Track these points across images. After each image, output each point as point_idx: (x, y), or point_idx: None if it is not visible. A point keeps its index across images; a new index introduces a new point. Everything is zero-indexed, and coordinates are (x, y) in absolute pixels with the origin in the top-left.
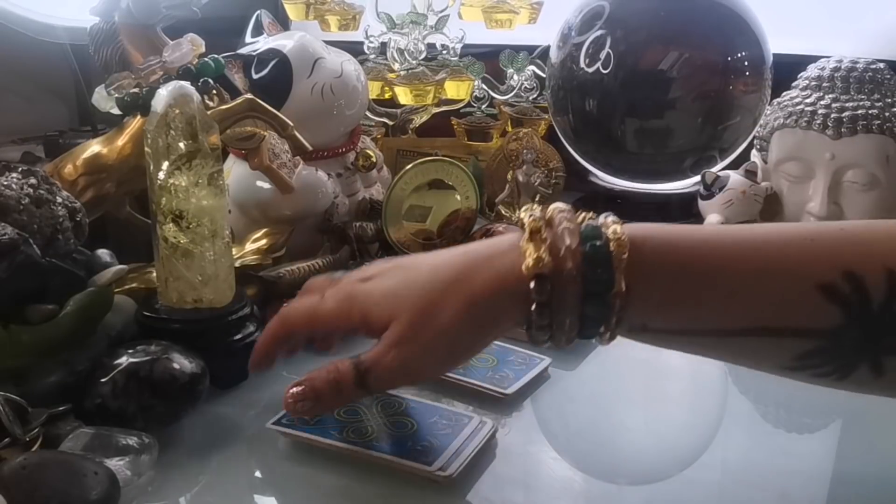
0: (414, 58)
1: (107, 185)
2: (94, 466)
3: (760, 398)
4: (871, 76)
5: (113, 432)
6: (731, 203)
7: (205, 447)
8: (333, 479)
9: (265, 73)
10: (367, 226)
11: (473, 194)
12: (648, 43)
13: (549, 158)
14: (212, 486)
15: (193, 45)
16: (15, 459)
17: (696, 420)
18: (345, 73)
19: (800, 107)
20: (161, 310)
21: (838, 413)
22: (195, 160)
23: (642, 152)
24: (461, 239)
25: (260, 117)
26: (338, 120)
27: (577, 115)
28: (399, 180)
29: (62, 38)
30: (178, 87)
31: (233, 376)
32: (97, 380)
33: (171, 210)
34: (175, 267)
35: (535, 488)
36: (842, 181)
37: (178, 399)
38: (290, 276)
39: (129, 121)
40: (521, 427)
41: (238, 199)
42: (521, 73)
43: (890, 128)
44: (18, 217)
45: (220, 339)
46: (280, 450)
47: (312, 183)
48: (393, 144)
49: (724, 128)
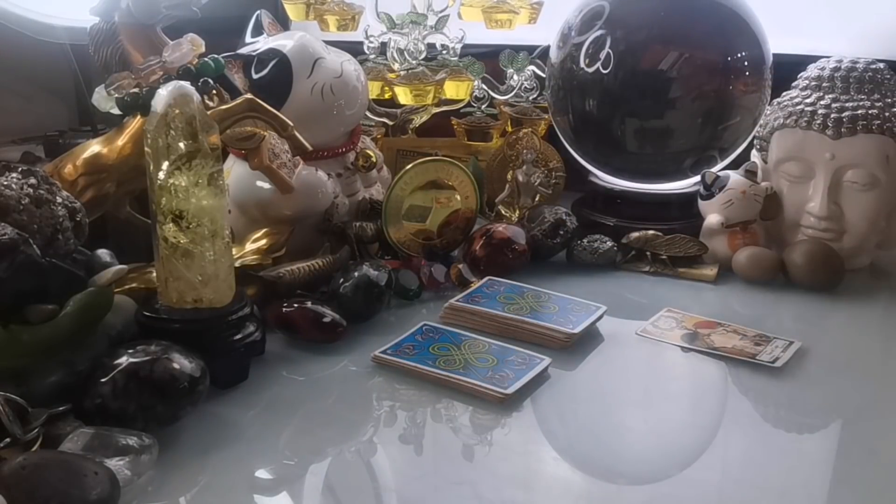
0: (414, 58)
1: (107, 185)
2: (94, 466)
3: (760, 398)
4: (871, 76)
5: (113, 432)
6: (731, 203)
7: (205, 447)
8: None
9: (265, 73)
10: (367, 226)
11: (473, 194)
12: (648, 43)
13: (549, 158)
14: (212, 486)
15: (193, 45)
16: (15, 459)
17: (696, 420)
18: (345, 73)
19: (800, 107)
20: (161, 310)
21: (838, 413)
22: (195, 160)
23: (642, 152)
24: (461, 239)
25: (260, 117)
26: (338, 120)
27: (577, 115)
28: (399, 180)
29: (62, 38)
30: (178, 87)
31: (233, 376)
32: (97, 380)
33: (171, 210)
34: (175, 267)
35: (535, 488)
36: (842, 181)
37: (178, 399)
38: (290, 276)
39: (129, 121)
40: (521, 427)
41: (238, 199)
42: (521, 73)
43: (890, 128)
44: (18, 217)
45: (220, 339)
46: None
47: (312, 183)
48: (393, 144)
49: (724, 128)
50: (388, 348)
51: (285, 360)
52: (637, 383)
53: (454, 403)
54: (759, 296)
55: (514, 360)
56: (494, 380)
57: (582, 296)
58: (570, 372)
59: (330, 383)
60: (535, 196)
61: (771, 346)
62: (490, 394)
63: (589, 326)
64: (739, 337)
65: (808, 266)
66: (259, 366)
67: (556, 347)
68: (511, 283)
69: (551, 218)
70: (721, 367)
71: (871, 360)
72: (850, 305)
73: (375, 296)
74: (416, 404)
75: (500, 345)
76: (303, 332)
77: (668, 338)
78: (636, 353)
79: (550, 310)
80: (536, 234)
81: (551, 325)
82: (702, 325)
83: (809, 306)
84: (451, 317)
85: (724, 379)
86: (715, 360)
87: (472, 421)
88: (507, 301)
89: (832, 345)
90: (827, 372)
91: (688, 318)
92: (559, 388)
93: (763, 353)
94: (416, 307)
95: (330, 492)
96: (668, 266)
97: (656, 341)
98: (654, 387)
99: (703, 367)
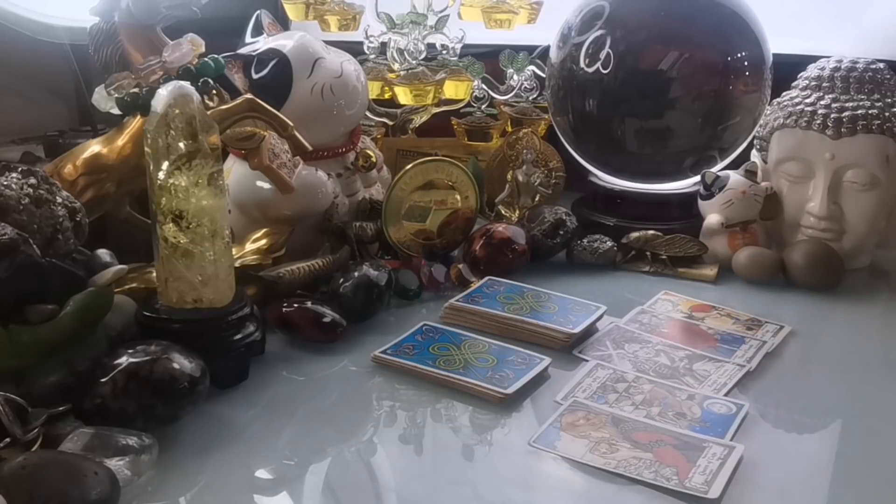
0: (414, 58)
1: (107, 185)
2: (94, 466)
3: (760, 398)
4: (871, 76)
5: (113, 432)
6: (731, 203)
7: (205, 447)
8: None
9: (265, 73)
10: (367, 226)
11: (473, 194)
12: (648, 43)
13: (549, 158)
14: (212, 486)
15: (193, 45)
16: (15, 459)
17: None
18: (345, 73)
19: (800, 107)
20: (161, 310)
21: (838, 413)
22: (195, 160)
23: (642, 152)
24: (461, 239)
25: (260, 117)
26: (338, 120)
27: (577, 115)
28: (399, 180)
29: (62, 38)
30: (178, 87)
31: (233, 376)
32: (97, 380)
33: (171, 210)
34: (175, 267)
35: (535, 488)
36: (842, 181)
37: (178, 399)
38: (290, 276)
39: (129, 121)
40: (521, 427)
41: (238, 199)
42: (521, 73)
43: (890, 128)
44: (18, 217)
45: (220, 339)
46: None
47: (312, 183)
48: (393, 144)
49: (724, 128)
50: (388, 348)
51: (285, 360)
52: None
53: (454, 403)
54: (759, 296)
55: (513, 360)
56: (494, 380)
57: (582, 296)
58: (569, 372)
59: (330, 383)
60: (535, 196)
61: (762, 331)
62: (490, 394)
63: (589, 326)
64: (732, 321)
65: (808, 266)
66: (259, 366)
67: (556, 347)
68: (511, 283)
69: (551, 218)
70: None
71: (871, 360)
72: (849, 305)
73: (375, 296)
74: (416, 404)
75: (500, 345)
76: (303, 332)
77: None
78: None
79: (550, 310)
80: (536, 234)
81: (551, 325)
82: (697, 309)
83: (809, 306)
84: (451, 317)
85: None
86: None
87: (472, 421)
88: (507, 301)
89: (832, 345)
90: (827, 372)
91: (683, 301)
92: (559, 388)
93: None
94: (416, 307)
95: (330, 492)
96: (668, 266)
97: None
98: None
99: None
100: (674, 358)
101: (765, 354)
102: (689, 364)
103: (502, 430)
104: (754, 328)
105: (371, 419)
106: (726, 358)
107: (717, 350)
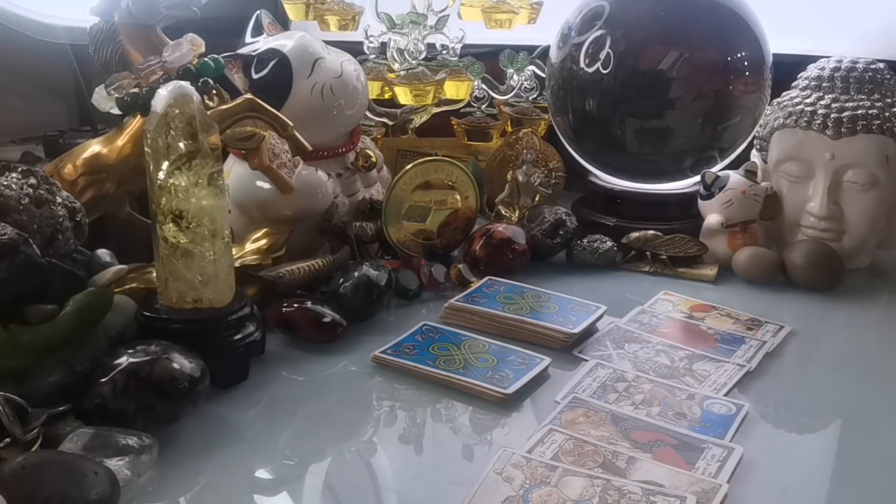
0: (414, 58)
1: (107, 185)
2: (94, 466)
3: (760, 398)
4: (871, 76)
5: (113, 432)
6: (731, 203)
7: (205, 447)
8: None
9: (265, 73)
10: (367, 226)
11: (473, 194)
12: (648, 43)
13: (549, 158)
14: (212, 487)
15: (193, 45)
16: (15, 459)
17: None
18: (345, 73)
19: (800, 107)
20: (161, 310)
21: (838, 413)
22: (195, 160)
23: (642, 152)
24: (461, 239)
25: (260, 117)
26: (338, 120)
27: (577, 115)
28: (399, 180)
29: (62, 38)
30: (178, 87)
31: (233, 376)
32: (97, 380)
33: (171, 210)
34: (175, 267)
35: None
36: (842, 181)
37: (178, 399)
38: (290, 276)
39: (129, 121)
40: (521, 427)
41: (238, 199)
42: (521, 73)
43: (890, 128)
44: (18, 217)
45: (220, 339)
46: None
47: (312, 183)
48: (393, 144)
49: (724, 128)
50: (388, 348)
51: (285, 360)
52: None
53: (454, 403)
54: (759, 296)
55: (513, 360)
56: (494, 380)
57: (582, 296)
58: (569, 372)
59: (330, 383)
60: (535, 196)
61: (762, 331)
62: (490, 394)
63: (589, 326)
64: (732, 321)
65: (808, 266)
66: (259, 366)
67: (556, 347)
68: (511, 283)
69: (551, 218)
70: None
71: (871, 360)
72: (849, 305)
73: (375, 296)
74: (416, 404)
75: (499, 345)
76: (303, 332)
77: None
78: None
79: (550, 310)
80: (536, 234)
81: (551, 325)
82: (697, 309)
83: (809, 306)
84: (451, 317)
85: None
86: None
87: (472, 421)
88: (507, 301)
89: (832, 344)
90: (827, 371)
91: (683, 301)
92: (559, 388)
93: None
94: (416, 307)
95: (330, 492)
96: (668, 266)
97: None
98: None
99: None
100: (674, 358)
101: (765, 354)
102: (689, 364)
103: (502, 430)
104: (754, 328)
105: (371, 419)
106: (726, 358)
107: (717, 350)
